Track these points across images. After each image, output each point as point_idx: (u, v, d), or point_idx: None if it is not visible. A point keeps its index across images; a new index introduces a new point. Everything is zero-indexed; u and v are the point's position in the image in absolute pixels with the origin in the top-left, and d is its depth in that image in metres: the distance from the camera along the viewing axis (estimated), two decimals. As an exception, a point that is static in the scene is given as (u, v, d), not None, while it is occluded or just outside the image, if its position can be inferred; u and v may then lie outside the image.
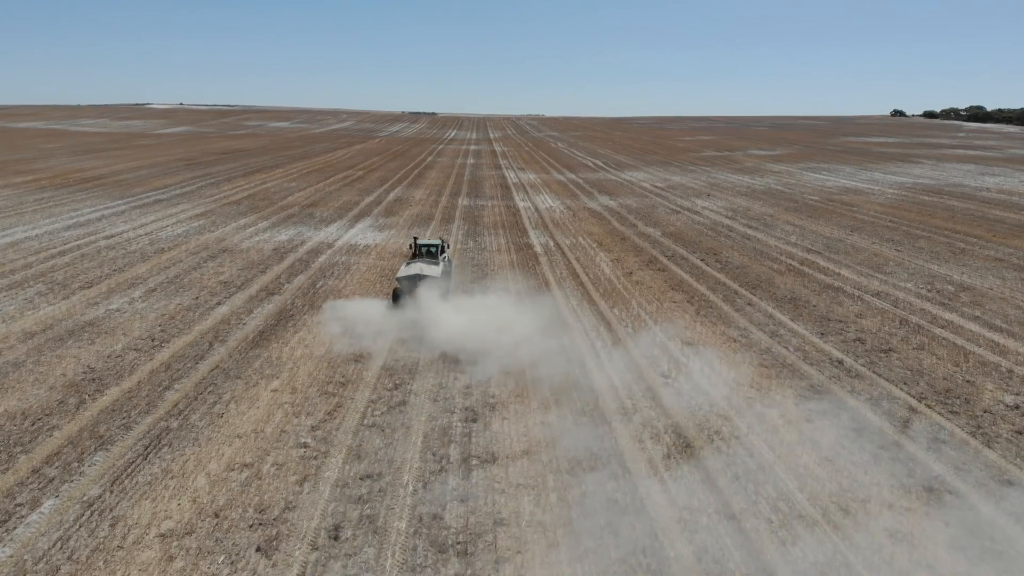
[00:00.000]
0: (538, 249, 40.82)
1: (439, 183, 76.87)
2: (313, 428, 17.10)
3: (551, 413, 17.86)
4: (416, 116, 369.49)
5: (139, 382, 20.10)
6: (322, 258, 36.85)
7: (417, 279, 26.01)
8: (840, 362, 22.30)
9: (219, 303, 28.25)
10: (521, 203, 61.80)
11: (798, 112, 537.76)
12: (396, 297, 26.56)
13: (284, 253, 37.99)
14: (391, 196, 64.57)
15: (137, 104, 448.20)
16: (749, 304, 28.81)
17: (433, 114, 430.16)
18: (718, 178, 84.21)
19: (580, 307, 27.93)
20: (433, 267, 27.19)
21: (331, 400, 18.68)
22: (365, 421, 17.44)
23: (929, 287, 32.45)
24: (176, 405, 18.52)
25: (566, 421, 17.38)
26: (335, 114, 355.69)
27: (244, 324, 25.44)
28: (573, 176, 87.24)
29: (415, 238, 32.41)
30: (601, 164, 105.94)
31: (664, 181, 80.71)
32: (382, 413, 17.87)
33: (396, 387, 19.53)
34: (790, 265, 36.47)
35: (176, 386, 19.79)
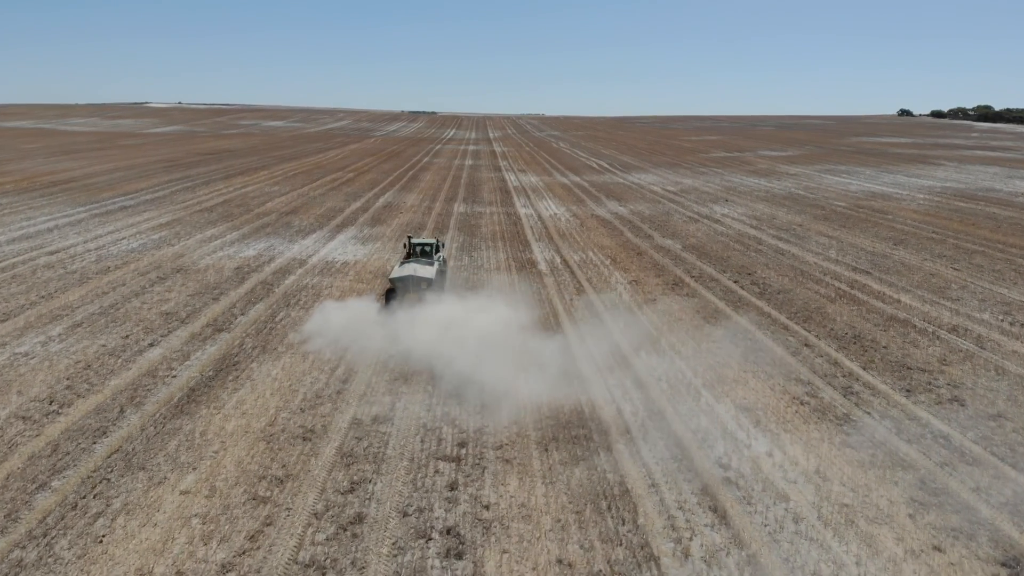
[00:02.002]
0: (543, 267, 35.42)
1: (434, 187, 71.45)
2: (224, 568, 11.71)
3: (571, 540, 12.46)
4: (414, 115, 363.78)
5: (9, 476, 14.72)
6: (290, 280, 31.42)
7: (411, 280, 25.23)
8: (946, 438, 16.91)
9: (152, 344, 22.86)
10: (523, 210, 56.38)
11: (803, 112, 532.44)
12: (389, 298, 25.71)
13: (247, 273, 32.57)
14: (380, 202, 59.12)
15: (136, 103, 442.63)
16: (806, 345, 23.41)
17: (433, 113, 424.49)
18: (732, 181, 78.78)
19: (598, 350, 22.53)
20: (427, 268, 26.33)
21: (260, 511, 13.28)
22: (300, 555, 12.04)
23: (1008, 318, 27.11)
24: (44, 519, 13.14)
25: (594, 557, 11.98)
26: (331, 113, 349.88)
27: (174, 377, 20.05)
28: (577, 179, 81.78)
29: (409, 237, 30.95)
30: (606, 165, 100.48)
31: (675, 184, 75.28)
32: (327, 539, 12.46)
33: (352, 488, 14.11)
34: (839, 289, 31.08)
35: (55, 483, 14.41)
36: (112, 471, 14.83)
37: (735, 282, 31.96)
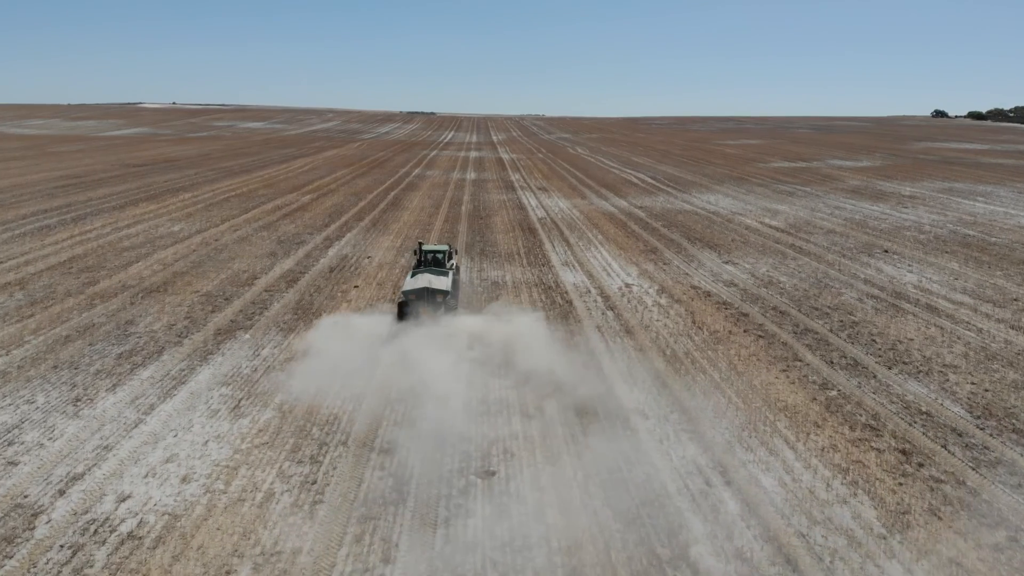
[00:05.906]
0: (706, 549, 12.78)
1: (421, 221, 48.62)
2: None
3: None
4: (410, 116, 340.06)
5: None
6: None
7: (425, 293, 23.14)
8: None
9: None
10: (567, 274, 33.47)
11: (823, 112, 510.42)
12: (402, 311, 23.45)
13: None
14: (330, 254, 36.42)
15: (130, 103, 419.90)
16: None
17: (431, 114, 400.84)
18: (844, 208, 55.89)
19: None
20: (442, 279, 24.43)
21: None
22: None
23: None
24: None
25: None
26: (320, 113, 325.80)
27: None
28: (624, 203, 58.78)
29: (420, 243, 28.05)
30: (650, 180, 77.46)
31: (772, 214, 52.38)
32: None
33: None
34: None
35: None
36: None
37: None
